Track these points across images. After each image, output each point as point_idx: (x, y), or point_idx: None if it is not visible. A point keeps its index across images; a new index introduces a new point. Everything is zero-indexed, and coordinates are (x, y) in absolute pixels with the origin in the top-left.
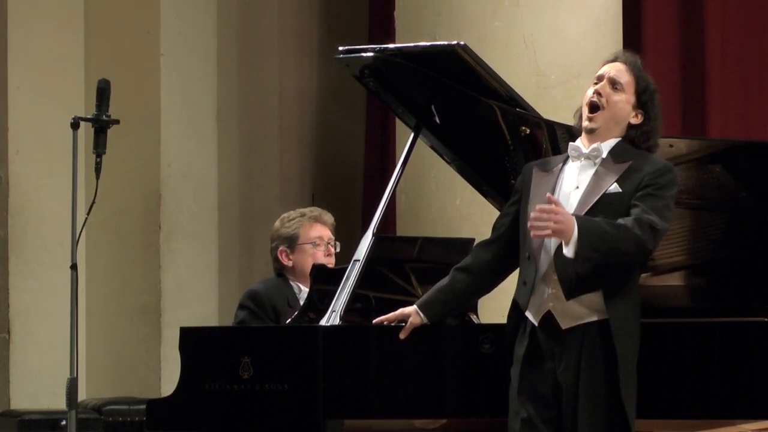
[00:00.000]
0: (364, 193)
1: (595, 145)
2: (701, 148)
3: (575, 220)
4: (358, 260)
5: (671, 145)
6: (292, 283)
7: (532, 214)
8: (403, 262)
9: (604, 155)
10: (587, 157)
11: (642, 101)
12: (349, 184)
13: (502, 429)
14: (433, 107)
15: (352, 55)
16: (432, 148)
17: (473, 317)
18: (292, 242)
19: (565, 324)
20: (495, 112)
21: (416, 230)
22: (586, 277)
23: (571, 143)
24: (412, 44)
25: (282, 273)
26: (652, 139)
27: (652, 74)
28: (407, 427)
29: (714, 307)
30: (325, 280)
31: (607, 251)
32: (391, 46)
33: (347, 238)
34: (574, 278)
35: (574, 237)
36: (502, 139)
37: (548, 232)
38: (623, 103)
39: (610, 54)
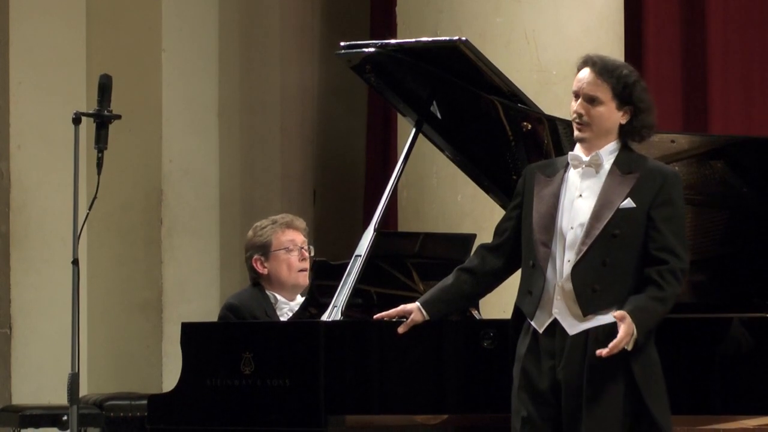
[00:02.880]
0: (366, 189)
1: (593, 154)
2: (703, 144)
3: (633, 324)
4: (360, 256)
5: (673, 141)
6: (267, 293)
7: (604, 352)
8: (404, 258)
9: (605, 163)
10: (588, 165)
11: (624, 99)
12: (351, 180)
13: (504, 424)
14: (434, 103)
15: (354, 50)
16: (433, 143)
17: (475, 313)
18: (265, 250)
19: (572, 330)
20: (496, 108)
21: (417, 226)
22: (604, 295)
23: (570, 153)
24: (413, 40)
25: (258, 282)
26: (646, 129)
27: (654, 71)
28: (408, 422)
29: (715, 303)
30: (326, 275)
31: (658, 323)
32: (393, 41)
33: (348, 234)
34: (592, 295)
35: (634, 336)
36: (503, 135)
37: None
38: (606, 113)
39: (582, 60)
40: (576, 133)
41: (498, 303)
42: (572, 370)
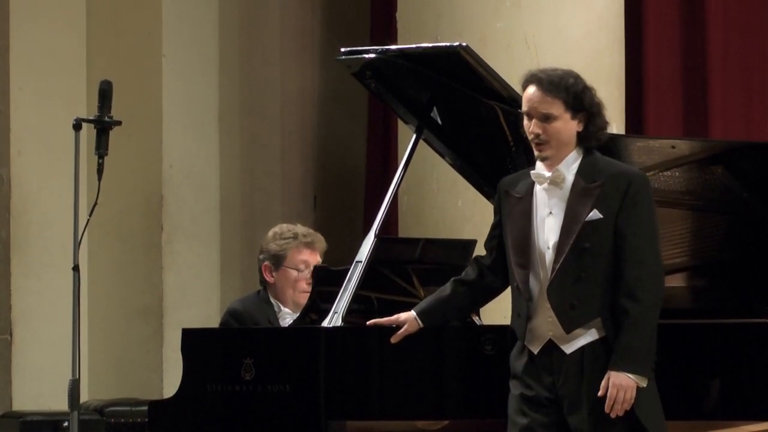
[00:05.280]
0: (366, 194)
1: (554, 170)
2: (703, 149)
3: (628, 374)
4: (360, 261)
5: (673, 147)
6: (272, 301)
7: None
8: (405, 264)
9: (568, 175)
10: (552, 181)
11: (577, 108)
12: (351, 185)
13: (504, 430)
14: (434, 108)
15: (354, 56)
16: (434, 149)
17: (475, 318)
18: (278, 261)
19: (569, 349)
20: (497, 113)
21: (418, 231)
22: (584, 309)
23: (532, 171)
24: (413, 45)
25: (264, 287)
26: (601, 131)
27: (654, 74)
28: (409, 428)
29: (715, 308)
30: (327, 281)
31: (654, 338)
32: (393, 47)
33: (349, 240)
34: (571, 312)
35: (631, 385)
36: (503, 140)
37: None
38: (563, 127)
39: (522, 78)
40: (537, 153)
41: (498, 308)
42: (572, 386)
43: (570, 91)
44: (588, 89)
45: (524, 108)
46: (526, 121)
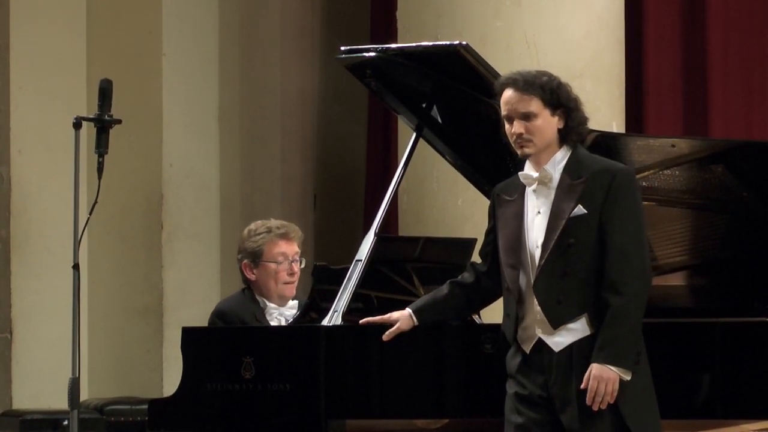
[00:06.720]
0: (366, 194)
1: (541, 169)
2: (703, 148)
3: (610, 366)
4: (360, 260)
5: (673, 145)
6: (258, 298)
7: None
8: (404, 262)
9: (556, 175)
10: (540, 182)
11: (554, 104)
12: (351, 185)
13: (503, 428)
14: (434, 107)
15: (354, 55)
16: (434, 148)
17: (475, 317)
18: (256, 257)
19: (558, 347)
20: (497, 112)
21: (418, 230)
22: (570, 305)
23: (520, 173)
24: (413, 44)
25: (248, 285)
26: (582, 126)
27: (654, 74)
28: (409, 427)
29: (716, 307)
30: (327, 279)
31: (638, 332)
32: (393, 45)
33: (349, 239)
34: (558, 308)
35: (612, 377)
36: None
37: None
38: (544, 123)
39: (501, 83)
40: (520, 151)
41: (499, 308)
42: (563, 385)
43: (546, 88)
44: (563, 85)
45: (503, 112)
46: (507, 126)
